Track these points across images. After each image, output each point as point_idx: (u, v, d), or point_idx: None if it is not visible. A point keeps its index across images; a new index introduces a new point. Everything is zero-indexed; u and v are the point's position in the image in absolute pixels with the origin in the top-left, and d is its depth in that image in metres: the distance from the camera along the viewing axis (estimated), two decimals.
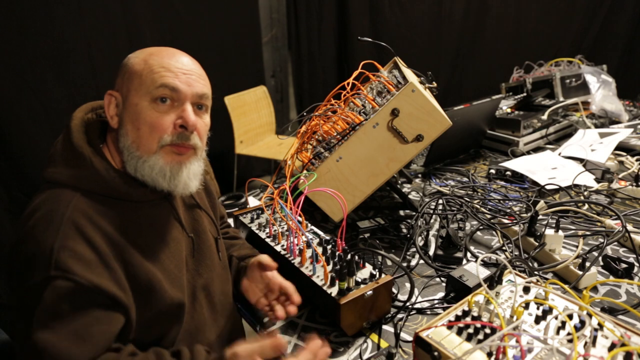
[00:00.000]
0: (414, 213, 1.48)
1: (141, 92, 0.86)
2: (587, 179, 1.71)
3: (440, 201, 1.55)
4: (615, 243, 1.34)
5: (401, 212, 1.57)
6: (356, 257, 1.03)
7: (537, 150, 2.12)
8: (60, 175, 0.84)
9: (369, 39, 1.46)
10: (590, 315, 0.83)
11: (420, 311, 1.08)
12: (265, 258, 1.03)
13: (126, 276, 0.82)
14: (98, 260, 0.79)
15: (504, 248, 1.34)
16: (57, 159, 0.87)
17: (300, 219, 1.14)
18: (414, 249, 1.30)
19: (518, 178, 1.77)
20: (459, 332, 0.82)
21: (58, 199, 0.81)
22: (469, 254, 1.30)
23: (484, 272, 1.10)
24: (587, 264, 1.16)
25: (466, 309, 0.89)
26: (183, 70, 0.88)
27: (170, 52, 0.90)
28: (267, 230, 1.22)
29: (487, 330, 0.80)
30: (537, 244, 1.26)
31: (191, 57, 0.93)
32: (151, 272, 0.85)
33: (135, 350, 0.82)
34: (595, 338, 0.79)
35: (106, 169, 0.85)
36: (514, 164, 1.83)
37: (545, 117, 2.17)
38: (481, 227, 1.44)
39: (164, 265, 0.89)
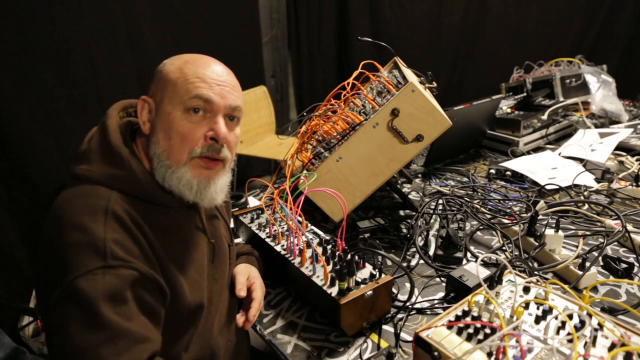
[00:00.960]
0: (414, 213, 1.48)
1: (175, 101, 0.86)
2: (587, 179, 1.71)
3: (440, 201, 1.55)
4: (615, 243, 1.34)
5: (401, 212, 1.57)
6: (356, 257, 1.03)
7: (537, 150, 2.12)
8: (95, 173, 0.83)
9: (369, 39, 1.46)
10: (590, 315, 0.83)
11: (420, 311, 1.08)
12: (237, 286, 1.06)
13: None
14: (142, 254, 0.80)
15: (504, 248, 1.34)
16: (92, 157, 0.85)
17: (300, 219, 1.14)
18: (414, 249, 1.30)
19: (518, 178, 1.77)
20: (459, 332, 0.82)
21: (96, 194, 0.81)
22: (469, 254, 1.30)
23: (484, 272, 1.10)
24: (587, 264, 1.16)
25: (466, 309, 0.89)
26: (217, 81, 0.88)
27: (205, 62, 0.89)
28: (267, 230, 1.22)
29: (487, 330, 0.80)
30: (537, 244, 1.26)
31: (226, 67, 0.93)
32: (176, 277, 0.86)
33: None
34: (595, 338, 0.79)
35: (143, 171, 0.85)
36: (514, 164, 1.83)
37: (545, 117, 2.17)
38: (481, 227, 1.44)
39: (187, 271, 0.90)
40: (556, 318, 0.84)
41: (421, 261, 1.27)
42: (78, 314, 0.72)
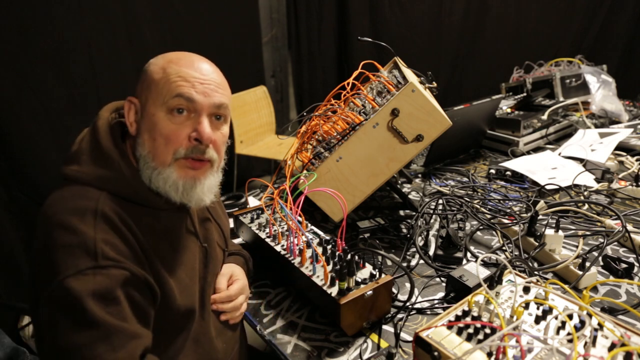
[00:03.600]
0: (414, 213, 1.48)
1: (158, 102, 0.85)
2: (587, 179, 1.71)
3: (440, 201, 1.55)
4: (615, 243, 1.34)
5: (401, 212, 1.57)
6: (356, 257, 1.03)
7: (537, 150, 2.12)
8: (86, 174, 0.83)
9: (369, 39, 1.46)
10: (590, 315, 0.83)
11: (420, 311, 1.08)
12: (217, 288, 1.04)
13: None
14: (132, 255, 0.80)
15: (504, 248, 1.34)
16: (82, 158, 0.85)
17: (300, 219, 1.14)
18: (414, 249, 1.30)
19: (518, 178, 1.77)
20: (459, 332, 0.82)
21: (85, 195, 0.80)
22: (469, 254, 1.30)
23: (484, 272, 1.10)
24: (587, 264, 1.16)
25: (466, 309, 0.89)
26: (201, 79, 0.86)
27: (189, 60, 0.87)
28: (267, 230, 1.22)
29: (487, 330, 0.80)
30: (537, 244, 1.26)
31: (212, 64, 0.91)
32: (166, 280, 0.85)
33: None
34: (595, 338, 0.79)
35: (133, 173, 0.85)
36: (514, 164, 1.83)
37: (545, 117, 2.17)
38: (481, 227, 1.44)
39: (177, 274, 0.89)
40: (556, 318, 0.84)
41: (421, 261, 1.27)
42: (69, 313, 0.72)
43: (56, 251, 0.75)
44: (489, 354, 0.75)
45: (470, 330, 0.81)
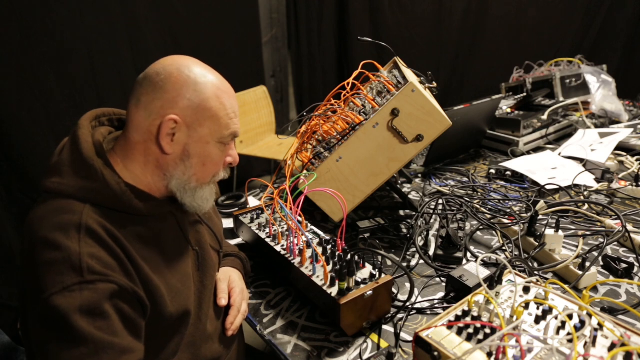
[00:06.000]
0: (414, 213, 1.48)
1: (217, 134, 0.89)
2: (587, 179, 1.71)
3: (440, 201, 1.55)
4: (615, 243, 1.35)
5: (401, 212, 1.57)
6: (356, 257, 1.03)
7: (537, 150, 2.12)
8: (68, 186, 0.81)
9: (369, 39, 1.46)
10: (590, 315, 0.83)
11: (420, 311, 1.08)
12: (218, 294, 1.06)
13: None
14: (120, 267, 0.78)
15: (504, 248, 1.34)
16: (64, 170, 0.82)
17: (300, 219, 1.14)
18: (414, 249, 1.30)
19: (518, 178, 1.77)
20: (459, 332, 0.82)
21: (68, 209, 0.79)
22: (469, 254, 1.30)
23: (484, 272, 1.10)
24: (587, 264, 1.16)
25: (466, 309, 0.89)
26: (237, 113, 0.94)
27: (231, 90, 0.93)
28: (267, 230, 1.22)
29: (487, 330, 0.80)
30: (537, 244, 1.26)
31: None
32: (156, 287, 0.85)
33: None
34: (595, 338, 0.79)
35: (117, 182, 0.83)
36: (514, 164, 1.83)
37: (545, 117, 2.17)
38: (481, 227, 1.44)
39: (167, 280, 0.88)
40: (556, 318, 0.84)
41: (421, 261, 1.27)
42: (57, 330, 0.71)
43: (41, 268, 0.74)
44: (489, 354, 0.75)
45: (470, 330, 0.81)
